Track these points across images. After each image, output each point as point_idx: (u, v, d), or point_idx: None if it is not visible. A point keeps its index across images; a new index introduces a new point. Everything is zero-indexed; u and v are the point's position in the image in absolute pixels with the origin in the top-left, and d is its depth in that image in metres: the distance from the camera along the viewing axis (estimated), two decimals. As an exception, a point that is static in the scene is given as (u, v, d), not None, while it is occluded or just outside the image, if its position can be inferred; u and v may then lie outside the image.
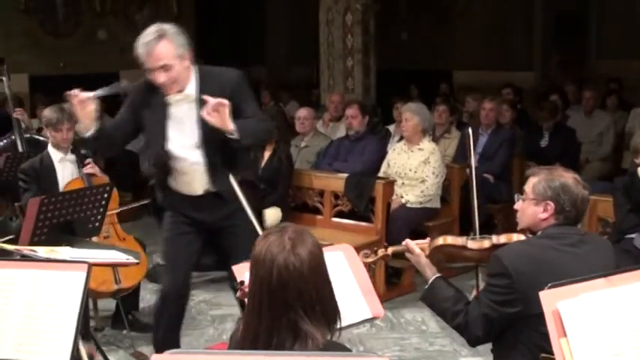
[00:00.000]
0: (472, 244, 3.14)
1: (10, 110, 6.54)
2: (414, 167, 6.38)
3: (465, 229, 6.33)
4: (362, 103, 7.33)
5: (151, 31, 3.86)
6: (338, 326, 2.21)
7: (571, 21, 12.55)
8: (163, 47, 3.83)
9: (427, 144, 6.45)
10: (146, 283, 5.91)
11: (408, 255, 3.26)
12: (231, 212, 4.14)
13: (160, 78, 3.88)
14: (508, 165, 7.44)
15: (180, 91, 3.98)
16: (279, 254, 2.13)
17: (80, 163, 5.15)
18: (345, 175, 6.39)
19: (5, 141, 6.34)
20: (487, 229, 6.62)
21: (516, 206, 3.15)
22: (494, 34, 12.82)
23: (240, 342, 2.18)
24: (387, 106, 9.05)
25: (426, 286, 3.20)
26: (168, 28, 3.89)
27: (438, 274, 3.20)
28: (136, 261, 3.54)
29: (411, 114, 6.44)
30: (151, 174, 4.31)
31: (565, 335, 2.23)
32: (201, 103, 3.87)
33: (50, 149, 5.16)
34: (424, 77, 12.20)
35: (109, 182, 4.85)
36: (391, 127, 8.32)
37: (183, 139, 4.06)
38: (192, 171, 4.11)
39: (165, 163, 4.12)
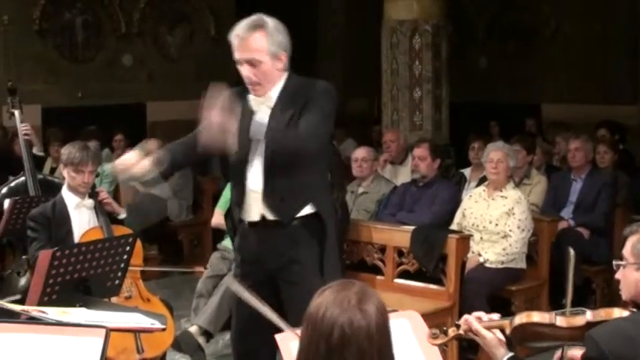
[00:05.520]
0: (561, 322, 3.05)
1: (19, 149, 6.62)
2: (494, 219, 6.34)
3: (556, 295, 6.24)
4: (433, 143, 7.29)
5: (249, 19, 4.06)
6: None
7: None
8: (257, 39, 4.02)
9: (512, 191, 6.42)
10: (173, 354, 5.92)
11: (470, 334, 3.20)
12: (293, 251, 4.13)
13: (244, 71, 4.06)
14: (610, 217, 7.32)
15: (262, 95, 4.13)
16: (343, 310, 2.17)
17: (98, 206, 5.21)
18: (411, 227, 6.37)
19: (16, 182, 6.40)
20: (583, 296, 6.58)
21: (617, 275, 3.09)
22: (592, 60, 12.74)
23: None
24: (462, 146, 9.01)
25: None
26: (270, 21, 4.08)
27: (510, 355, 3.13)
28: (162, 326, 3.55)
29: (504, 155, 6.44)
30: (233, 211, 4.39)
31: None
32: (274, 110, 4.05)
33: (65, 193, 5.21)
34: (506, 111, 12.15)
35: (132, 233, 4.91)
36: (466, 171, 8.27)
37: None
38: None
39: (243, 180, 4.18)
